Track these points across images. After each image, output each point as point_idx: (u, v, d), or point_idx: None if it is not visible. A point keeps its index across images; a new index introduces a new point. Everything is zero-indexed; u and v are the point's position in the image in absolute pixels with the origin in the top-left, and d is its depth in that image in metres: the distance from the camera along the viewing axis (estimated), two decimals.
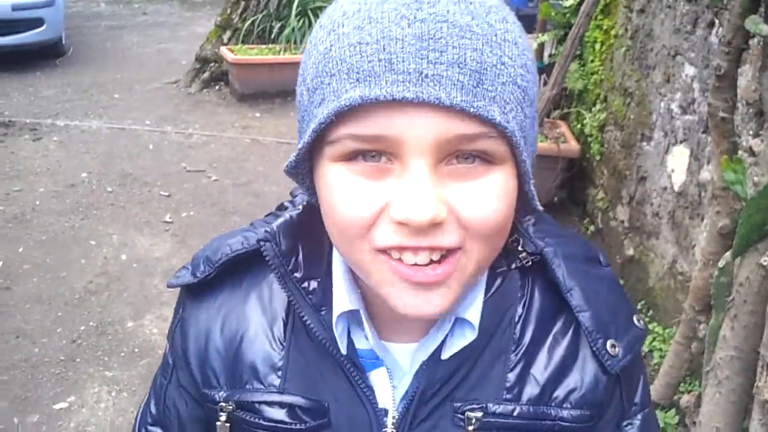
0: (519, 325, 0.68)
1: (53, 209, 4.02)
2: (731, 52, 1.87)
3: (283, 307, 0.69)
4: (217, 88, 6.38)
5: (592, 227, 3.80)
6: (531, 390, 0.66)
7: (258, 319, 0.69)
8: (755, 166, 1.79)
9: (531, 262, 0.68)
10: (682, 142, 2.86)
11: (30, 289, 3.24)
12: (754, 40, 1.85)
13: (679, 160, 2.86)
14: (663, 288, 2.95)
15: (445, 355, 0.65)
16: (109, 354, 2.82)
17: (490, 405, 0.66)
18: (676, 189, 2.87)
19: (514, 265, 0.68)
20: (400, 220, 0.53)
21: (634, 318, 0.70)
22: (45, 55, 7.01)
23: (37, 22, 6.65)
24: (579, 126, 4.01)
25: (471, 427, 0.65)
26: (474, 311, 0.65)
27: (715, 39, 2.60)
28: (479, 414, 0.65)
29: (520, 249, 0.68)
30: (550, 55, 4.35)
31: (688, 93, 2.81)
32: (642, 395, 0.74)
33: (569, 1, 4.14)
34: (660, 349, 2.77)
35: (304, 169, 0.61)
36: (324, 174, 0.57)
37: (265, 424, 0.67)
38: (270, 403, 0.67)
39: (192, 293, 0.72)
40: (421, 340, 0.66)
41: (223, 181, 4.51)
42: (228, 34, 6.37)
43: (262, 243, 0.67)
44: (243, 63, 5.97)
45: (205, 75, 6.39)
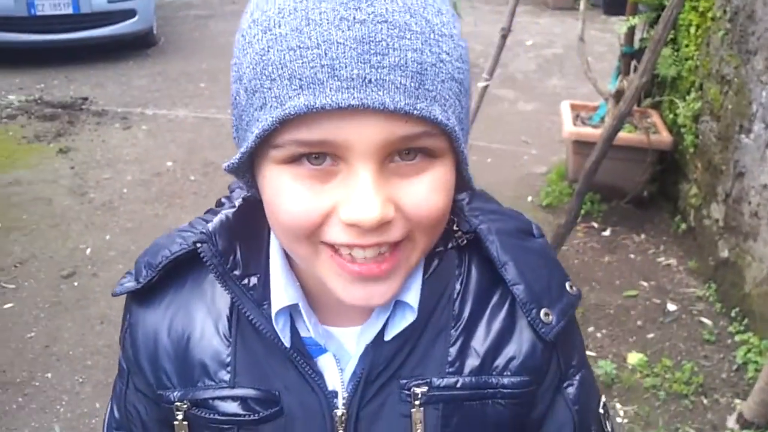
0: (458, 302, 0.70)
1: (139, 197, 4.15)
2: None
3: (226, 304, 0.71)
4: None
5: (683, 225, 3.58)
6: (472, 362, 0.69)
7: (203, 318, 0.71)
8: None
9: (466, 241, 0.71)
10: None
11: (115, 276, 3.35)
12: None
13: None
14: (761, 295, 2.73)
15: (387, 337, 0.68)
16: None
17: (434, 379, 0.69)
18: None
19: (450, 245, 0.71)
20: (350, 222, 0.55)
21: (567, 285, 0.73)
22: (137, 45, 7.24)
23: (131, 13, 6.86)
24: (671, 116, 3.78)
25: (417, 402, 0.68)
26: (413, 293, 0.67)
27: None
28: (424, 389, 0.68)
29: (455, 228, 0.71)
30: (641, 40, 4.11)
31: None
32: (579, 357, 0.77)
33: None
34: (756, 362, 2.58)
35: (245, 166, 0.61)
36: (268, 176, 0.58)
37: (220, 418, 0.69)
38: (223, 398, 0.69)
39: (137, 298, 0.73)
40: (364, 324, 0.69)
41: None
42: None
43: (198, 245, 0.68)
44: None
45: None
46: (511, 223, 0.75)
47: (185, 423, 0.71)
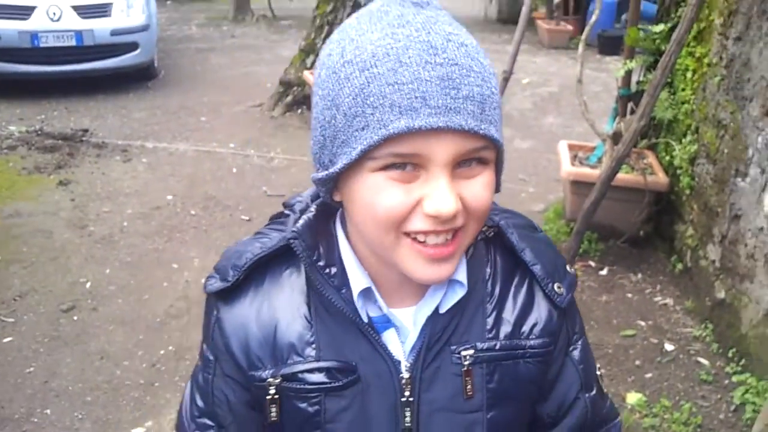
0: (489, 282, 0.88)
1: (139, 231, 4.16)
2: None
3: (302, 293, 0.85)
4: (299, 111, 6.49)
5: (680, 265, 3.61)
6: (505, 329, 0.87)
7: (285, 308, 0.84)
8: None
9: (492, 233, 0.89)
10: None
11: (115, 310, 3.36)
12: None
13: None
14: (758, 336, 2.76)
15: (443, 310, 0.84)
16: (186, 380, 2.86)
17: (478, 344, 0.85)
18: None
19: (480, 237, 0.88)
20: (432, 213, 0.71)
21: (567, 267, 0.92)
22: (138, 77, 7.32)
23: (133, 46, 6.95)
24: (668, 158, 3.85)
25: (467, 363, 0.84)
26: (462, 273, 0.85)
27: None
28: (471, 352, 0.85)
29: (483, 225, 0.85)
30: (638, 82, 4.20)
31: None
32: (580, 327, 0.96)
33: (659, 27, 3.99)
34: (753, 403, 2.60)
35: (333, 176, 0.76)
36: (366, 181, 0.72)
37: (310, 387, 0.83)
38: (311, 371, 0.83)
39: (223, 297, 0.86)
40: (420, 302, 0.85)
41: None
42: (311, 58, 6.47)
43: (291, 241, 0.82)
44: None
45: (288, 99, 6.51)
46: (521, 220, 0.94)
47: (276, 397, 0.83)
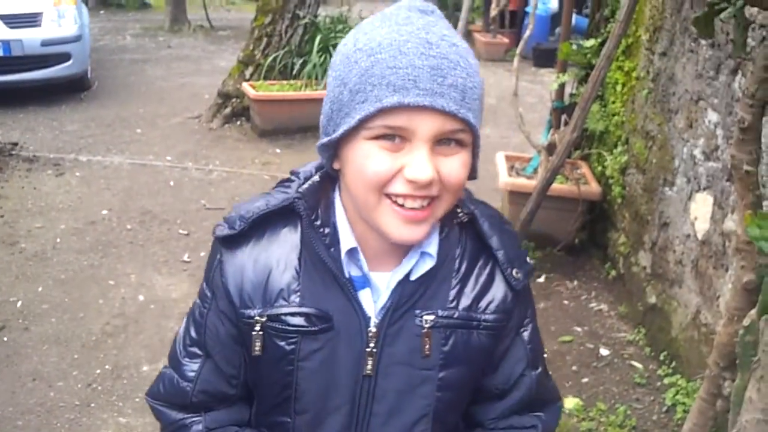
0: (457, 260, 1.00)
1: (73, 247, 4.04)
2: (755, 104, 1.82)
3: (296, 249, 0.97)
4: (238, 123, 6.43)
5: (613, 272, 3.73)
6: (465, 302, 0.99)
7: (280, 258, 0.97)
8: None
9: (466, 219, 1.01)
10: (705, 189, 2.81)
11: (48, 330, 3.25)
12: None
13: (702, 207, 2.81)
14: (686, 339, 2.87)
15: (413, 277, 0.97)
16: (124, 399, 2.81)
17: (440, 311, 0.97)
18: (700, 237, 2.81)
19: (456, 221, 1.01)
20: (411, 179, 0.84)
21: (527, 258, 1.05)
22: (70, 89, 7.11)
23: (65, 57, 6.75)
24: (600, 168, 3.97)
25: (427, 326, 0.97)
26: (433, 247, 0.98)
27: (738, 86, 2.56)
28: (432, 317, 0.97)
29: (458, 211, 1.00)
30: (571, 95, 4.33)
31: (711, 140, 2.77)
32: (531, 313, 1.08)
33: (590, 42, 4.13)
34: (683, 403, 2.70)
35: (334, 143, 0.90)
36: (359, 147, 0.86)
37: (290, 328, 0.95)
38: (293, 314, 0.95)
39: (227, 243, 0.99)
40: (395, 269, 0.97)
41: None
42: (250, 69, 6.43)
43: (296, 200, 0.96)
44: (264, 99, 6.03)
45: (227, 110, 6.44)
46: (492, 212, 1.06)
47: (261, 333, 0.96)
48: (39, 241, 4.09)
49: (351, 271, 0.96)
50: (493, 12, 10.00)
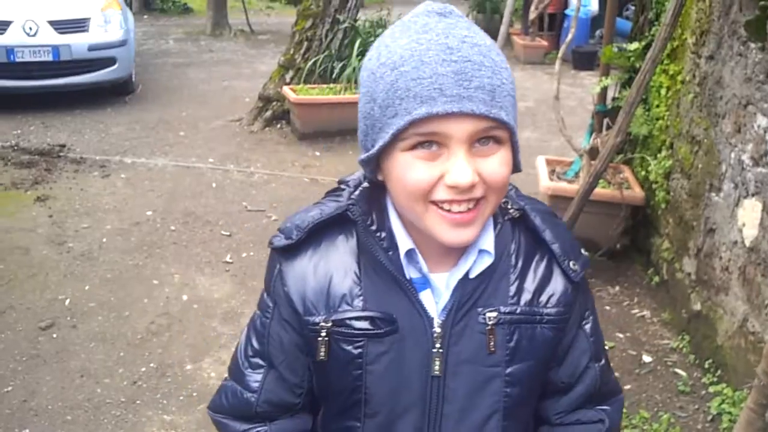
0: (513, 256, 1.00)
1: (119, 247, 4.14)
2: None
3: (354, 254, 0.98)
4: (278, 126, 6.51)
5: (656, 278, 3.68)
6: (525, 297, 0.99)
7: (339, 265, 0.98)
8: None
9: (518, 215, 1.02)
10: (753, 195, 2.76)
11: (95, 327, 3.33)
12: None
13: (750, 214, 2.76)
14: (733, 347, 2.82)
15: (472, 275, 0.97)
16: (168, 397, 2.86)
17: (502, 307, 0.98)
18: (748, 244, 2.76)
19: (507, 218, 1.01)
20: (451, 184, 0.85)
21: (582, 250, 1.06)
22: (115, 92, 7.29)
23: (110, 61, 6.91)
24: (643, 172, 3.92)
25: (490, 323, 0.97)
26: (489, 244, 0.98)
27: None
28: (495, 314, 0.97)
29: (509, 207, 1.02)
30: (613, 99, 4.28)
31: (761, 145, 2.71)
32: (591, 305, 1.09)
33: (634, 45, 4.08)
34: (730, 413, 2.64)
35: (373, 159, 0.91)
36: (397, 159, 0.87)
37: (356, 332, 0.97)
38: (357, 318, 0.96)
39: (285, 253, 1.01)
40: (453, 269, 0.98)
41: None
42: (290, 73, 6.50)
43: (351, 206, 0.98)
44: (304, 103, 6.08)
45: (268, 114, 6.53)
46: (543, 207, 1.06)
47: (326, 339, 0.97)
48: (86, 241, 4.19)
49: (410, 273, 0.97)
50: (532, 15, 9.90)
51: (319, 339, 0.98)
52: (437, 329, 0.97)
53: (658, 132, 3.84)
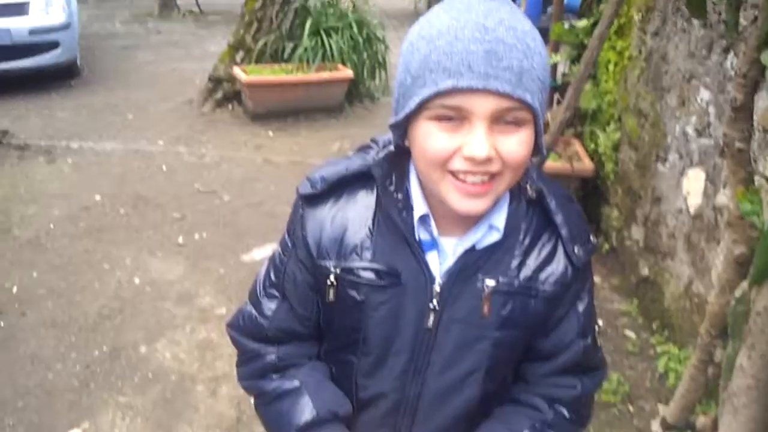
0: (522, 233, 1.05)
1: (67, 233, 4.04)
2: (747, 84, 1.85)
3: (371, 210, 1.05)
4: (230, 107, 6.41)
5: (606, 245, 3.77)
6: (525, 272, 1.04)
7: (354, 219, 1.05)
8: None
9: (535, 196, 1.06)
10: (697, 165, 2.84)
11: (44, 314, 3.26)
12: None
13: (694, 183, 2.84)
14: (679, 309, 2.91)
15: (479, 247, 1.03)
16: (123, 379, 2.82)
17: (500, 278, 1.03)
18: (692, 212, 2.84)
19: (524, 197, 1.05)
20: (468, 156, 0.88)
21: (591, 237, 1.10)
22: (60, 76, 7.06)
23: (53, 45, 6.69)
24: (592, 145, 3.99)
25: (488, 290, 1.03)
26: (500, 221, 1.03)
27: (730, 65, 2.58)
28: (493, 283, 1.03)
29: (528, 187, 1.05)
30: (563, 75, 4.34)
31: (704, 117, 2.79)
32: (589, 288, 1.13)
33: (582, 22, 4.14)
34: (675, 370, 2.75)
35: (403, 123, 0.95)
36: (421, 127, 0.91)
37: (361, 281, 1.04)
38: (365, 269, 1.04)
39: (309, 200, 1.08)
40: (463, 237, 1.02)
41: (235, 202, 4.52)
42: (241, 54, 6.41)
43: (374, 167, 1.03)
44: (256, 83, 6.01)
45: (219, 95, 6.43)
46: (561, 191, 1.10)
47: (335, 283, 1.05)
48: (33, 228, 4.08)
49: (421, 234, 1.03)
50: None
51: (328, 283, 1.06)
52: (437, 288, 1.03)
53: (607, 106, 3.92)
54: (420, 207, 1.02)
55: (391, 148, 1.05)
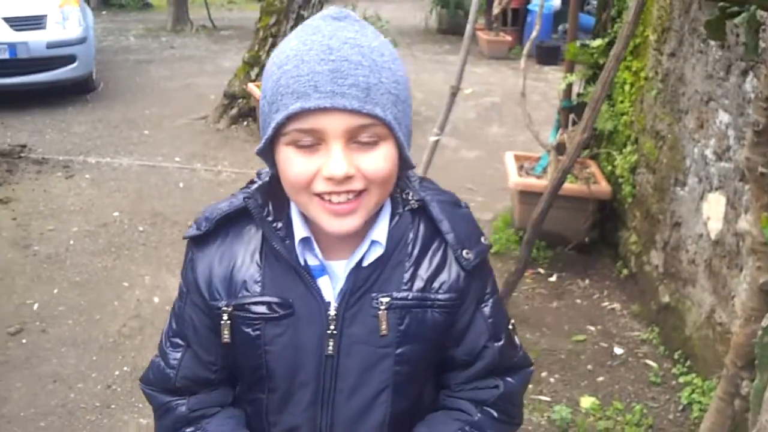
0: (410, 245, 1.05)
1: (86, 249, 4.07)
2: None
3: (257, 243, 1.05)
4: (245, 124, 6.45)
5: (625, 271, 3.76)
6: (418, 283, 1.05)
7: (242, 254, 1.05)
8: None
9: (417, 205, 1.06)
10: (717, 189, 2.84)
11: (65, 332, 3.28)
12: None
13: (715, 207, 2.84)
14: (701, 338, 2.90)
15: (365, 264, 1.03)
16: (143, 401, 2.78)
17: (394, 293, 1.03)
18: (713, 237, 2.84)
19: (406, 208, 1.06)
20: (327, 176, 0.91)
21: (482, 239, 1.10)
22: (76, 90, 7.14)
23: (70, 59, 6.77)
24: (609, 167, 4.00)
25: (383, 307, 1.03)
26: (381, 235, 1.04)
27: (750, 87, 2.58)
28: (387, 299, 1.03)
29: (409, 198, 1.06)
30: (578, 95, 4.35)
31: (723, 140, 2.79)
32: (491, 288, 1.13)
33: (597, 42, 4.15)
34: (700, 402, 2.72)
35: (269, 153, 0.97)
36: (281, 153, 0.93)
37: (254, 316, 1.04)
38: (256, 303, 1.03)
39: (197, 242, 1.08)
40: (350, 257, 1.03)
41: None
42: (256, 70, 6.45)
43: (246, 200, 1.03)
44: None
45: (233, 111, 6.47)
46: (446, 197, 1.11)
47: (229, 322, 1.05)
48: (52, 244, 4.12)
49: (309, 260, 1.04)
50: (496, 10, 9.98)
51: (222, 322, 1.05)
52: (332, 312, 1.03)
53: (623, 127, 3.92)
54: (300, 232, 1.02)
55: (265, 180, 1.06)
